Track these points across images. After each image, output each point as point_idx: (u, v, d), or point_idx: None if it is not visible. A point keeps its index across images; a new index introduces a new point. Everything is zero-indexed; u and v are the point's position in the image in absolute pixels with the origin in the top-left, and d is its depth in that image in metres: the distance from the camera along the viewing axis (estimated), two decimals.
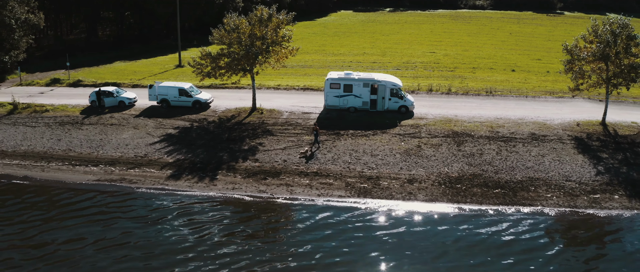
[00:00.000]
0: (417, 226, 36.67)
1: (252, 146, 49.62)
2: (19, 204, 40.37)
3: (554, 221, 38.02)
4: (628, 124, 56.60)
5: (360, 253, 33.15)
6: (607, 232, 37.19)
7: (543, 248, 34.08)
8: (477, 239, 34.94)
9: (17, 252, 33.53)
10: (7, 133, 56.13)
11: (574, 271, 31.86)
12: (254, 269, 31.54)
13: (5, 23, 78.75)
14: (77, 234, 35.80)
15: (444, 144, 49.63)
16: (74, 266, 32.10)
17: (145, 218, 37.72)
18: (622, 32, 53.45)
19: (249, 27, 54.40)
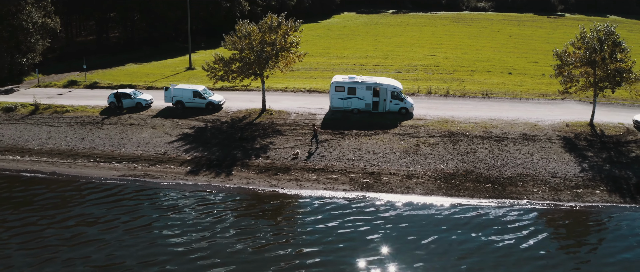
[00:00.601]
0: (413, 216, 41.28)
1: (263, 145, 54.31)
2: (51, 196, 45.02)
3: (538, 212, 42.60)
4: (615, 125, 61.19)
5: (362, 239, 37.75)
6: (585, 223, 41.76)
7: (526, 237, 38.63)
8: (467, 228, 39.53)
9: (56, 237, 38.14)
10: (31, 132, 60.83)
11: (552, 256, 36.38)
12: (266, 250, 36.16)
13: (23, 27, 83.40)
14: (107, 220, 40.50)
15: (441, 143, 54.29)
16: (107, 245, 36.79)
17: (168, 207, 42.41)
18: (608, 39, 57.87)
19: (259, 34, 58.98)
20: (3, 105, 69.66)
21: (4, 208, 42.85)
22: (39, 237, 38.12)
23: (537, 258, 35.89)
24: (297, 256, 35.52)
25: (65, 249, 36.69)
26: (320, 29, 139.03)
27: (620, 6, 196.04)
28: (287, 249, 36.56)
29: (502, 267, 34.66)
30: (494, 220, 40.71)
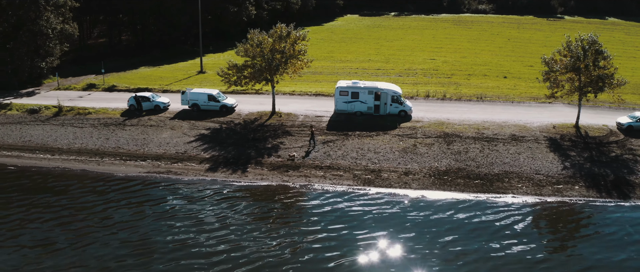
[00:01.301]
0: (409, 208, 47.42)
1: (274, 145, 60.53)
2: (84, 190, 51.23)
3: (521, 205, 48.71)
4: (599, 127, 67.31)
5: (362, 226, 43.88)
6: (563, 214, 47.82)
7: (508, 226, 44.71)
8: (455, 218, 45.66)
9: (93, 223, 44.33)
10: (58, 133, 67.09)
11: (530, 242, 42.44)
12: (278, 235, 42.30)
13: (43, 32, 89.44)
14: (136, 210, 46.77)
15: (436, 143, 60.48)
16: (137, 230, 43.02)
17: (191, 199, 48.65)
18: (591, 47, 63.87)
19: (270, 43, 65.14)
20: (27, 107, 75.97)
21: (42, 199, 49.03)
22: (77, 221, 44.40)
23: (514, 243, 42.00)
24: (304, 241, 41.67)
25: (102, 231, 42.98)
26: (324, 32, 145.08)
27: (619, 8, 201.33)
28: (296, 235, 42.69)
29: (483, 249, 40.75)
30: (480, 211, 46.83)
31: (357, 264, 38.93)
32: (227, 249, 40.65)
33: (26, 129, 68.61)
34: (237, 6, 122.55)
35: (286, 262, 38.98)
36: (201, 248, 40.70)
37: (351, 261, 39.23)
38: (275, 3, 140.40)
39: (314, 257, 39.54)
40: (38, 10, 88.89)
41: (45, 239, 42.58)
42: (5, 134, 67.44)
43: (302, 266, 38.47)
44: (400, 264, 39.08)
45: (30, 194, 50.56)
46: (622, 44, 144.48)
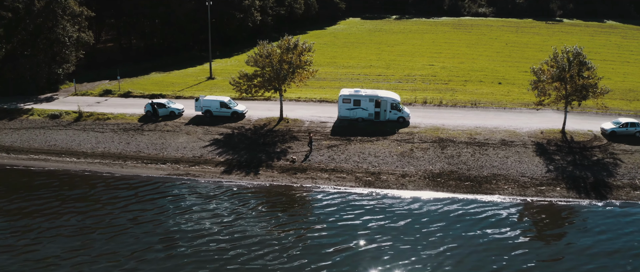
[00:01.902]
0: (405, 207, 53.90)
1: (283, 149, 67.07)
2: (109, 190, 57.75)
3: (506, 205, 55.20)
4: (584, 132, 73.80)
5: (362, 222, 50.38)
6: (543, 213, 54.28)
7: (492, 223, 51.19)
8: (447, 216, 52.15)
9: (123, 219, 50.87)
10: (80, 137, 73.62)
11: (510, 238, 48.89)
12: (287, 230, 48.81)
13: (60, 40, 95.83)
14: (159, 207, 53.35)
15: (431, 148, 67.00)
16: (161, 225, 49.57)
17: (208, 198, 55.17)
18: (576, 59, 70.20)
19: (278, 54, 71.62)
20: (48, 113, 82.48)
21: (73, 198, 55.59)
22: (107, 217, 50.96)
23: (496, 238, 48.49)
24: (309, 234, 48.21)
25: (130, 225, 49.52)
26: (326, 36, 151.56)
27: (617, 11, 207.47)
28: (302, 230, 49.32)
29: (469, 241, 47.25)
30: (468, 209, 53.36)
31: (356, 256, 45.40)
32: (241, 242, 47.18)
33: (50, 134, 75.13)
34: (243, 12, 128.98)
35: (293, 252, 45.47)
36: (218, 241, 47.20)
37: (351, 252, 45.71)
38: (279, 9, 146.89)
39: (317, 249, 46.05)
40: (55, 19, 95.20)
41: (81, 229, 49.17)
42: (30, 139, 73.96)
43: (306, 255, 44.95)
44: (395, 255, 45.55)
45: (62, 193, 57.08)
46: (618, 48, 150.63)
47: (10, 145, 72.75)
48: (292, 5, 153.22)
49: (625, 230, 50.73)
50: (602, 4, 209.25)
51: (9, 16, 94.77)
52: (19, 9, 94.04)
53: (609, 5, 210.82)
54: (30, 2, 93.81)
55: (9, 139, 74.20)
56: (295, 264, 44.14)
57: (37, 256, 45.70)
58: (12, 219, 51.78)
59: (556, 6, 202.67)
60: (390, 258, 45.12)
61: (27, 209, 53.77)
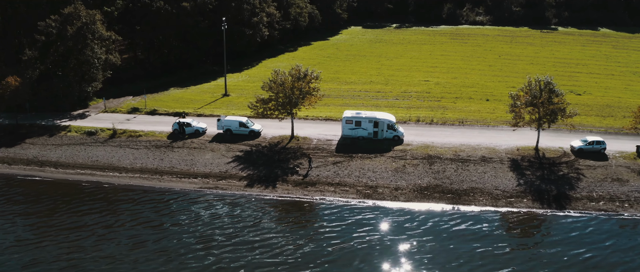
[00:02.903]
0: (397, 215, 68.89)
1: (295, 165, 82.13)
2: (151, 201, 72.68)
3: (479, 214, 70.19)
4: (555, 149, 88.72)
5: (360, 229, 65.35)
6: (510, 220, 69.21)
7: (467, 228, 66.17)
8: (431, 222, 67.14)
9: (168, 224, 65.88)
10: (119, 153, 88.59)
11: (479, 240, 63.85)
12: (300, 234, 63.81)
13: (89, 62, 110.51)
14: (194, 214, 68.37)
15: (421, 164, 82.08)
16: (197, 229, 64.55)
17: (234, 207, 70.17)
18: (546, 87, 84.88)
19: (290, 82, 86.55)
20: (85, 130, 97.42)
21: (120, 208, 70.61)
22: (153, 224, 65.98)
23: (470, 240, 63.50)
24: (317, 236, 63.22)
25: (171, 230, 64.52)
26: (329, 48, 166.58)
27: (611, 18, 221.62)
28: (311, 232, 64.33)
29: (448, 241, 62.26)
30: (449, 217, 68.38)
31: (353, 253, 60.39)
32: (264, 242, 62.22)
33: (90, 150, 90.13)
34: (252, 29, 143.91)
35: (304, 250, 60.51)
36: (245, 242, 62.24)
37: (349, 251, 60.72)
38: (285, 23, 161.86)
39: (324, 247, 61.06)
40: (85, 42, 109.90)
41: (133, 236, 64.17)
42: (74, 154, 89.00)
43: (314, 252, 59.97)
44: (383, 251, 60.56)
45: (110, 204, 72.16)
46: (606, 59, 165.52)
47: (57, 160, 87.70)
48: (297, 18, 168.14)
49: (571, 235, 65.76)
50: (596, 11, 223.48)
51: (43, 39, 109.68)
52: (52, 33, 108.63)
53: (604, 12, 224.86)
54: (63, 27, 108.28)
55: (54, 155, 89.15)
56: (306, 257, 59.18)
57: (101, 254, 60.69)
58: (76, 224, 66.77)
59: (551, 14, 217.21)
60: (379, 253, 60.19)
61: (86, 215, 68.80)
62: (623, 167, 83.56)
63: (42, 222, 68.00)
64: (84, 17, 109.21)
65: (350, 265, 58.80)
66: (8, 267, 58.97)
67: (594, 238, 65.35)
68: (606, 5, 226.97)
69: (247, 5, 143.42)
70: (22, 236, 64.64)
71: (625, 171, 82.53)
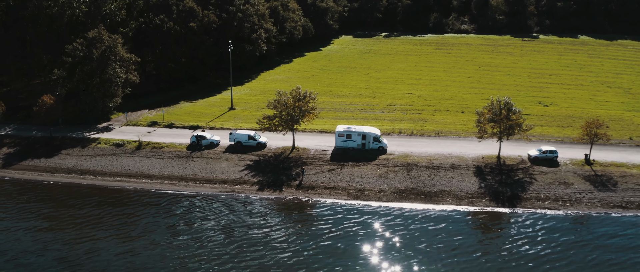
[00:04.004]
0: (380, 212, 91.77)
1: (296, 172, 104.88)
2: (181, 203, 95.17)
3: (446, 211, 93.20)
4: (515, 157, 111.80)
5: (352, 222, 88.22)
6: (469, 216, 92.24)
7: (436, 223, 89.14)
8: (406, 218, 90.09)
9: (198, 220, 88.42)
10: (147, 163, 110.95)
11: (448, 231, 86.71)
12: (302, 226, 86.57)
13: (111, 80, 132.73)
14: (216, 212, 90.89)
15: (401, 171, 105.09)
16: (220, 222, 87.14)
17: (249, 206, 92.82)
18: (505, 106, 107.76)
19: (292, 102, 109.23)
20: (113, 142, 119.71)
21: (159, 209, 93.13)
22: (185, 221, 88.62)
23: (437, 231, 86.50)
24: (315, 228, 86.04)
25: (202, 225, 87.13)
26: (322, 59, 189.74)
27: (591, 26, 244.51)
28: (311, 225, 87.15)
29: (420, 233, 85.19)
30: (421, 215, 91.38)
31: (344, 241, 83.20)
32: (273, 233, 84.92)
33: (121, 160, 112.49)
34: (252, 44, 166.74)
35: (305, 238, 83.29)
36: (260, 233, 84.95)
37: (341, 239, 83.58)
38: (281, 37, 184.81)
39: (320, 235, 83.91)
40: (108, 63, 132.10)
41: (170, 227, 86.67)
42: (108, 164, 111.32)
43: (313, 240, 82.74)
44: (368, 241, 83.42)
45: (152, 207, 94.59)
46: (580, 68, 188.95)
47: (94, 169, 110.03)
48: (292, 32, 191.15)
49: (516, 228, 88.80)
50: (577, 19, 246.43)
51: (70, 61, 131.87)
52: (78, 55, 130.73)
53: (584, 19, 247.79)
54: (89, 50, 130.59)
55: (91, 165, 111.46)
56: (306, 243, 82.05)
57: (147, 241, 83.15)
58: (124, 221, 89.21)
59: (533, 23, 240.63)
60: (364, 242, 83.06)
61: (132, 215, 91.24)
62: (570, 173, 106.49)
63: (94, 220, 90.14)
64: (106, 40, 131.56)
65: (341, 249, 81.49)
66: (76, 252, 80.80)
67: (536, 231, 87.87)
68: (587, 13, 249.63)
69: (247, 24, 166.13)
70: (83, 232, 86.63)
71: (572, 176, 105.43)
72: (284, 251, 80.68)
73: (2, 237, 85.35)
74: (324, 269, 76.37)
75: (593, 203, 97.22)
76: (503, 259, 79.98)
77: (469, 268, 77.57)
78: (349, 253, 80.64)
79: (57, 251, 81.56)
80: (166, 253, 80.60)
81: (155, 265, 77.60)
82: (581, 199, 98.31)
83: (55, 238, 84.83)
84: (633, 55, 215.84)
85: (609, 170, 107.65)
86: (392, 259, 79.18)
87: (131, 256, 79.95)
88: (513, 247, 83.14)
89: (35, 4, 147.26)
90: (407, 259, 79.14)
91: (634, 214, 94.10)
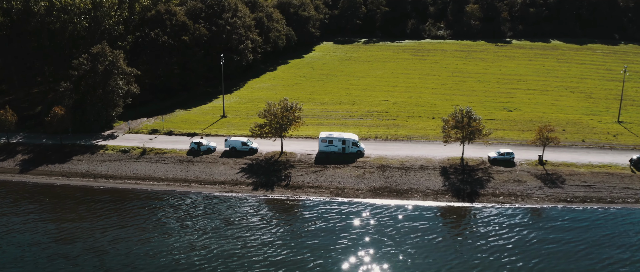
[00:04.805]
0: (357, 207, 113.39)
1: (285, 174, 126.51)
2: (187, 201, 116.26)
3: (414, 205, 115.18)
4: (477, 159, 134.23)
5: (333, 215, 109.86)
6: (433, 210, 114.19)
7: (405, 215, 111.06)
8: (381, 212, 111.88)
9: (201, 214, 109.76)
10: (153, 167, 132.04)
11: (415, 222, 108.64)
12: (289, 220, 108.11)
13: (114, 91, 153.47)
14: (217, 209, 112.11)
15: (376, 171, 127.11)
16: (221, 215, 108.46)
17: (246, 204, 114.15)
18: (466, 115, 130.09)
19: (280, 112, 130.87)
20: (119, 148, 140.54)
21: (165, 208, 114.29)
22: (189, 217, 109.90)
23: (405, 221, 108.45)
24: (303, 221, 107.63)
25: (207, 219, 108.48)
26: (304, 67, 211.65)
27: (562, 30, 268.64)
28: (299, 218, 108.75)
29: (391, 223, 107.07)
30: (393, 209, 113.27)
31: (326, 231, 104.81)
32: (267, 224, 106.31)
33: (129, 165, 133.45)
34: (239, 55, 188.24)
35: (293, 228, 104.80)
36: (256, 223, 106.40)
37: (323, 230, 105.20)
38: (266, 46, 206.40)
39: (306, 226, 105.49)
40: (110, 76, 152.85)
41: (179, 219, 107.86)
42: (118, 169, 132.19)
43: (300, 230, 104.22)
44: (347, 230, 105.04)
45: (161, 205, 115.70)
46: (547, 73, 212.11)
47: (106, 173, 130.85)
48: (276, 41, 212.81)
49: (473, 219, 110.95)
50: (549, 24, 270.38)
51: (75, 74, 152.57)
52: (84, 69, 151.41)
53: (556, 24, 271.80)
54: (94, 64, 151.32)
55: (102, 169, 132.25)
56: (294, 233, 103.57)
57: (162, 230, 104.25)
58: (139, 219, 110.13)
59: (507, 28, 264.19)
60: (343, 231, 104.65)
61: (144, 212, 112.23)
62: (524, 172, 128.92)
63: (112, 216, 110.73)
64: (109, 55, 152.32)
65: (323, 238, 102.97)
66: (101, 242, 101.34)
67: (489, 222, 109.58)
68: (558, 17, 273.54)
69: (235, 36, 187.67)
70: (105, 225, 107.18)
71: (526, 175, 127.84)
72: (276, 240, 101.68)
73: (38, 230, 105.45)
74: (310, 252, 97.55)
75: (541, 198, 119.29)
76: (460, 244, 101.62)
77: (432, 252, 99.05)
78: (330, 241, 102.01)
79: (84, 241, 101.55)
80: (177, 242, 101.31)
81: (170, 250, 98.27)
82: (531, 195, 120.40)
83: (81, 230, 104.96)
84: (600, 59, 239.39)
85: (560, 169, 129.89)
86: (366, 245, 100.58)
87: (149, 243, 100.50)
88: (469, 235, 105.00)
89: (38, 20, 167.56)
90: (379, 245, 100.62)
91: (576, 207, 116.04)
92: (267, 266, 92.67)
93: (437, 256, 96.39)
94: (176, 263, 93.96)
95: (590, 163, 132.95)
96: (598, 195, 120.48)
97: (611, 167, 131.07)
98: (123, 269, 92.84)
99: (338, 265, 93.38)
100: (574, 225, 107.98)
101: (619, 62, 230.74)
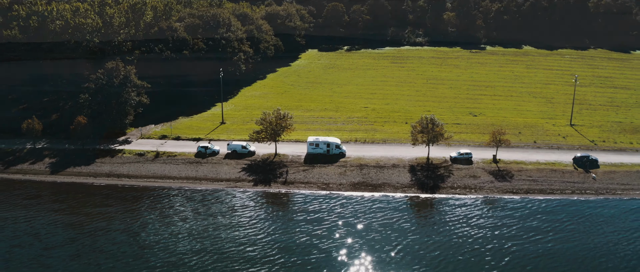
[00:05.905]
0: (340, 198, 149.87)
1: (280, 172, 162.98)
2: (197, 196, 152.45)
3: (386, 197, 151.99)
4: (440, 158, 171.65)
5: (321, 205, 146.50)
6: (403, 200, 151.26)
7: (378, 204, 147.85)
8: (359, 202, 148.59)
9: (210, 205, 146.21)
10: (167, 168, 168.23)
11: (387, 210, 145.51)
12: (283, 210, 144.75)
13: (127, 102, 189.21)
14: (221, 200, 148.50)
15: (356, 169, 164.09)
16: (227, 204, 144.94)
17: (247, 196, 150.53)
18: (431, 121, 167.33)
19: (274, 120, 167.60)
20: (135, 152, 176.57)
21: (182, 202, 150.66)
22: (201, 210, 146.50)
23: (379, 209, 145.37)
24: (294, 210, 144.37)
25: (216, 209, 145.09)
26: (292, 75, 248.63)
27: (535, 37, 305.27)
28: (291, 212, 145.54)
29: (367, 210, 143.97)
30: (368, 200, 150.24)
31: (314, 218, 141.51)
32: (266, 213, 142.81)
33: (146, 166, 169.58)
34: (233, 66, 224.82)
35: (288, 216, 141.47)
36: (256, 213, 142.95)
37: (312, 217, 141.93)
38: (257, 57, 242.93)
39: (298, 214, 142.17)
40: (124, 88, 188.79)
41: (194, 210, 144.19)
42: (136, 169, 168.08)
43: (292, 217, 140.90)
44: (332, 217, 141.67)
45: (175, 201, 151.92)
46: (514, 79, 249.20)
47: (126, 173, 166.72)
48: (266, 51, 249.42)
49: (435, 207, 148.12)
50: (521, 31, 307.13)
51: (93, 87, 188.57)
52: (101, 83, 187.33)
53: (528, 30, 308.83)
54: (109, 78, 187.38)
55: (124, 170, 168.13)
56: (288, 220, 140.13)
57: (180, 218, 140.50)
58: (161, 209, 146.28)
59: (481, 35, 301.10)
60: (329, 217, 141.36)
61: (164, 204, 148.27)
62: (480, 169, 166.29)
63: (137, 207, 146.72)
64: (122, 70, 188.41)
65: (312, 223, 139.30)
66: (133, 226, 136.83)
67: (446, 209, 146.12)
68: (530, 24, 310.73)
69: (229, 49, 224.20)
70: (134, 215, 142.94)
71: (480, 171, 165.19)
72: (273, 224, 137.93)
73: (79, 221, 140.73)
74: (300, 232, 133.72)
75: (491, 189, 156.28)
76: (422, 226, 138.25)
77: (399, 233, 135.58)
78: (317, 225, 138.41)
79: (117, 226, 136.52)
80: (193, 226, 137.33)
81: (189, 232, 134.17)
82: (484, 187, 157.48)
83: (115, 219, 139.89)
84: (567, 64, 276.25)
85: (510, 166, 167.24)
86: (345, 227, 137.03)
87: (172, 227, 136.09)
88: (430, 219, 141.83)
89: (52, 39, 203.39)
90: (356, 227, 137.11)
91: (520, 198, 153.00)
92: (267, 241, 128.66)
93: (403, 236, 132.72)
94: (195, 241, 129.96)
95: (538, 161, 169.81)
96: (540, 187, 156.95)
97: (555, 165, 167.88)
98: (155, 245, 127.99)
99: (322, 240, 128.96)
100: (516, 210, 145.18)
101: (585, 68, 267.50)
